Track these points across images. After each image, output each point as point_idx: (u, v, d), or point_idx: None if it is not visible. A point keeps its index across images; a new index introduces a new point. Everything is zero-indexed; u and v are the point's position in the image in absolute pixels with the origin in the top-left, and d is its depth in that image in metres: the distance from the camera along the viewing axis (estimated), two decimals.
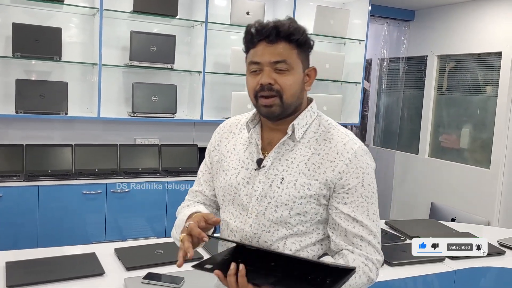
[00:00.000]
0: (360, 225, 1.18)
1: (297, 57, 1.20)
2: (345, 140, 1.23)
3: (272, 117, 1.23)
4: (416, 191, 4.96)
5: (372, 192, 1.22)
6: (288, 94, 1.19)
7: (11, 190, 3.17)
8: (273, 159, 1.24)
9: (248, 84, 1.24)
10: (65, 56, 3.51)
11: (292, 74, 1.20)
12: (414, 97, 5.13)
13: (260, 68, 1.19)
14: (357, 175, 1.19)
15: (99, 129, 3.82)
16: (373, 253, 1.19)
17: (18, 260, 1.79)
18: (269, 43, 1.18)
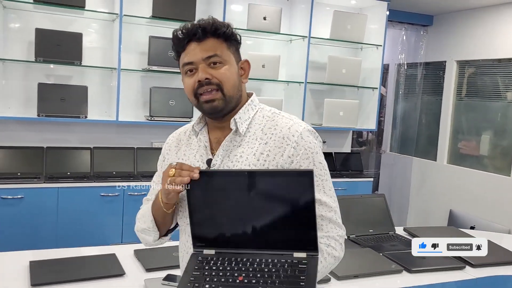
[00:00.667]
0: (319, 204, 1.17)
1: (227, 50, 1.22)
2: (289, 124, 1.22)
3: (216, 112, 1.22)
4: (434, 198, 4.91)
5: (324, 170, 1.22)
6: (228, 86, 1.20)
7: (31, 191, 3.23)
8: (222, 157, 1.23)
9: (186, 86, 1.23)
10: (85, 61, 3.57)
11: (227, 65, 1.21)
12: (432, 103, 5.08)
13: (195, 67, 1.20)
14: (307, 156, 1.19)
15: (117, 133, 3.87)
16: (334, 230, 1.20)
17: (41, 259, 1.82)
18: (197, 41, 1.19)
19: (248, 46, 4.19)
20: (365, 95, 4.58)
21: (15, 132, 3.56)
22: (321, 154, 1.23)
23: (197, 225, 1.16)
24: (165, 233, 1.34)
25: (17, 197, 3.18)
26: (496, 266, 2.14)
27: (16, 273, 1.71)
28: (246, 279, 1.05)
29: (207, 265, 1.10)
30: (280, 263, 1.07)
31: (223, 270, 1.08)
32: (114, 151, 3.73)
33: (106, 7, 3.65)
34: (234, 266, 1.09)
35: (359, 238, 2.43)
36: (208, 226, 1.16)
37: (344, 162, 4.57)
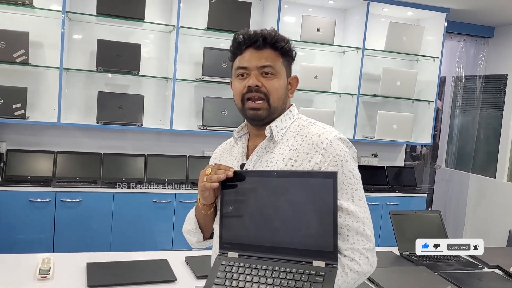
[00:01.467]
0: (346, 213, 1.15)
1: (281, 63, 1.26)
2: (320, 131, 1.24)
3: (258, 120, 1.27)
4: (492, 217, 4.67)
5: (354, 179, 1.20)
6: (275, 97, 1.25)
7: (89, 195, 3.36)
8: (255, 163, 1.28)
9: (235, 88, 1.28)
10: (143, 71, 3.70)
11: (278, 78, 1.25)
12: (492, 118, 4.86)
13: (247, 73, 1.24)
14: (335, 163, 1.18)
15: (170, 141, 3.97)
16: (361, 242, 1.15)
17: (97, 261, 1.89)
18: (256, 49, 1.24)
19: (301, 58, 4.19)
20: (420, 108, 4.45)
21: (75, 139, 3.73)
22: (353, 163, 1.22)
23: (226, 227, 1.20)
24: (210, 235, 1.40)
25: (75, 200, 3.32)
26: None
27: (74, 274, 1.78)
28: None
29: (229, 272, 1.13)
30: (298, 274, 1.08)
31: (243, 280, 1.10)
32: (167, 158, 3.83)
33: (163, 19, 3.78)
34: (254, 275, 1.11)
35: (413, 255, 2.35)
36: (235, 228, 1.20)
37: (396, 177, 4.45)
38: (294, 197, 1.13)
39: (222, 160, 1.41)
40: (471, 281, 2.02)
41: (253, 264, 1.13)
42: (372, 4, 4.01)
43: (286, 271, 1.09)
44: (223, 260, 1.17)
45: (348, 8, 4.26)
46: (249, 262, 1.14)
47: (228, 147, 1.44)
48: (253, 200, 1.17)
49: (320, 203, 1.10)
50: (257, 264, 1.13)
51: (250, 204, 1.18)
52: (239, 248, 1.18)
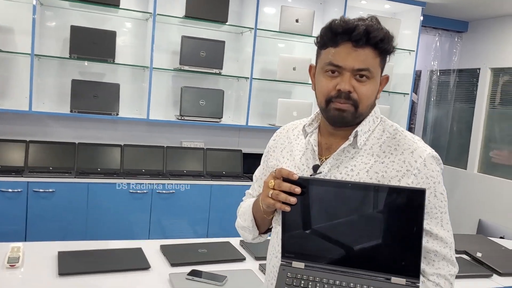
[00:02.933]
0: (434, 238, 1.10)
1: (379, 65, 1.11)
2: (412, 147, 1.12)
3: (340, 123, 1.14)
4: (463, 206, 4.79)
5: (444, 201, 1.13)
6: (365, 105, 1.11)
7: (63, 186, 3.30)
8: (331, 166, 1.15)
9: (321, 86, 1.13)
10: (118, 59, 3.64)
11: (372, 83, 1.10)
12: (465, 111, 4.97)
13: (339, 72, 1.09)
14: (429, 186, 1.09)
15: (147, 131, 3.93)
16: (446, 268, 1.11)
17: (70, 250, 1.86)
18: (355, 47, 1.07)
19: (280, 49, 4.20)
20: (396, 101, 4.51)
21: (48, 128, 3.66)
22: (442, 183, 1.14)
23: (289, 234, 1.10)
24: (266, 230, 1.31)
25: (48, 190, 3.26)
26: None
27: (45, 263, 1.75)
28: None
29: (297, 286, 1.04)
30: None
31: None
32: (144, 149, 3.79)
33: (140, 6, 3.72)
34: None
35: None
36: (301, 237, 1.10)
37: None
38: (373, 211, 1.04)
39: (284, 152, 1.27)
40: None
41: (324, 278, 1.04)
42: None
43: (363, 287, 1.01)
44: (288, 271, 1.07)
45: (327, 0, 4.27)
46: (318, 275, 1.05)
47: (291, 137, 1.29)
48: (322, 209, 1.07)
49: (404, 220, 1.01)
50: (328, 278, 1.04)
51: (318, 213, 1.08)
52: (304, 258, 1.09)
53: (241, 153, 4.06)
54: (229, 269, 1.84)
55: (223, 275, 1.73)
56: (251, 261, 2.00)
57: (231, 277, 1.72)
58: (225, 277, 1.70)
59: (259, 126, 4.10)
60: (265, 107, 4.19)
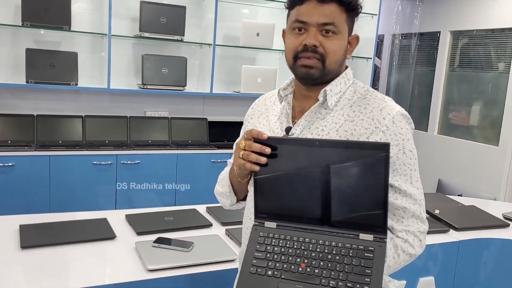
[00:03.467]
0: (403, 195, 1.12)
1: (345, 21, 1.12)
2: (382, 105, 1.14)
3: (309, 80, 1.15)
4: (424, 167, 4.95)
5: (414, 158, 1.15)
6: (332, 60, 1.12)
7: (23, 159, 3.22)
8: (303, 127, 1.17)
9: (289, 43, 1.15)
10: (75, 26, 3.50)
11: (338, 38, 1.12)
12: (426, 74, 5.07)
13: (305, 28, 1.11)
14: (397, 142, 1.11)
15: (109, 101, 3.84)
16: (416, 225, 1.13)
17: (32, 223, 1.83)
18: (320, 2, 1.09)
19: (243, 14, 4.13)
20: (359, 65, 4.55)
21: (4, 100, 3.52)
22: (412, 141, 1.15)
23: (261, 195, 1.12)
24: (244, 197, 1.32)
25: (7, 165, 3.17)
26: (479, 229, 2.19)
27: (6, 237, 1.72)
28: (308, 267, 1.01)
29: (269, 245, 1.07)
30: (344, 249, 1.02)
31: (286, 253, 1.04)
32: (107, 119, 3.71)
33: None
34: (296, 248, 1.05)
35: None
36: (272, 197, 1.11)
37: None
38: (340, 168, 1.04)
39: (261, 118, 1.30)
40: None
41: (295, 236, 1.06)
42: None
43: (332, 245, 1.03)
44: (260, 231, 1.09)
45: None
46: (289, 234, 1.07)
47: (268, 103, 1.31)
48: (292, 168, 1.08)
49: (370, 175, 1.02)
50: (299, 237, 1.06)
51: (289, 173, 1.08)
52: (277, 218, 1.10)
53: (206, 121, 4.04)
54: (195, 235, 1.86)
55: (190, 241, 1.74)
56: (218, 227, 2.02)
57: (198, 242, 1.74)
58: (191, 243, 1.72)
59: (224, 94, 4.08)
60: (230, 74, 4.16)
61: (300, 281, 1.01)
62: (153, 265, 1.54)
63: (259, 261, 1.05)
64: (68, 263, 1.58)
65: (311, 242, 1.05)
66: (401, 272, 1.94)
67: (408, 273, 1.99)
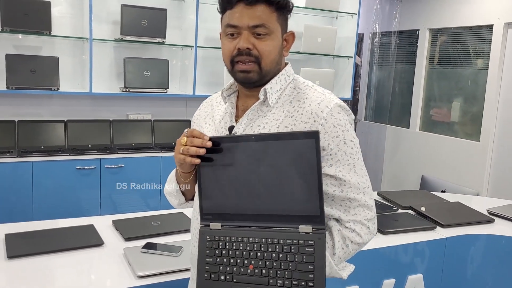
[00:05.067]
0: (348, 185, 1.14)
1: (276, 20, 1.14)
2: (319, 98, 1.15)
3: (249, 83, 1.18)
4: (407, 164, 5.03)
5: (356, 148, 1.16)
6: (267, 60, 1.14)
7: (4, 166, 3.17)
8: (245, 126, 1.19)
9: (224, 48, 1.17)
10: (55, 31, 3.46)
11: (271, 39, 1.13)
12: (406, 72, 5.14)
13: (238, 32, 1.13)
14: (337, 134, 1.13)
15: (91, 105, 3.81)
16: (362, 213, 1.15)
17: (17, 232, 1.81)
18: (248, 5, 1.11)
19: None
20: (340, 64, 4.59)
21: None
22: (352, 130, 1.17)
23: (205, 196, 1.13)
24: (192, 197, 1.33)
25: None
26: (465, 226, 2.23)
27: None
28: (256, 268, 1.03)
29: (217, 248, 1.08)
30: (286, 245, 1.03)
31: (233, 256, 1.06)
32: (89, 124, 3.68)
33: None
34: (243, 250, 1.06)
35: None
36: (215, 197, 1.12)
37: None
38: (275, 161, 1.06)
39: (207, 119, 1.31)
40: (388, 222, 2.18)
41: (239, 236, 1.07)
42: None
43: (274, 242, 1.04)
44: (207, 234, 1.10)
45: None
46: (234, 234, 1.08)
47: (214, 104, 1.33)
48: (232, 166, 1.09)
49: (303, 165, 1.03)
50: (243, 237, 1.07)
51: (229, 171, 1.10)
52: (221, 218, 1.11)
53: (189, 123, 4.02)
54: (184, 239, 1.86)
55: (179, 245, 1.74)
56: None
57: (187, 247, 1.74)
58: (181, 248, 1.72)
59: (207, 95, 4.02)
60: (212, 76, 4.16)
61: (251, 284, 1.04)
62: (142, 271, 1.54)
63: (211, 266, 1.08)
64: (56, 272, 1.57)
65: (255, 241, 1.06)
66: (389, 270, 1.98)
67: (396, 272, 2.03)
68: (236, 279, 1.05)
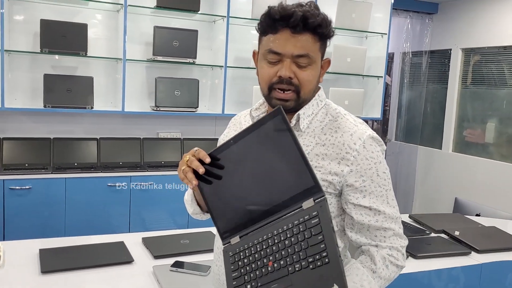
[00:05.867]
0: (383, 216, 1.14)
1: (319, 50, 1.13)
2: (352, 130, 1.15)
3: (284, 111, 1.18)
4: (439, 186, 4.91)
5: (387, 179, 1.16)
6: (306, 90, 1.14)
7: (39, 182, 3.26)
8: None
9: (263, 73, 1.15)
10: (91, 52, 3.58)
11: (312, 68, 1.13)
12: (438, 91, 5.07)
13: (280, 59, 1.11)
14: (370, 166, 1.13)
15: (123, 123, 3.89)
16: (397, 241, 1.17)
17: (51, 247, 1.85)
18: (294, 33, 1.09)
19: (253, 36, 4.18)
20: (370, 84, 4.56)
21: (22, 124, 3.59)
22: (384, 162, 1.17)
23: (217, 216, 1.14)
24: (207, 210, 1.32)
25: (25, 187, 3.21)
26: (501, 251, 2.15)
27: (26, 261, 1.74)
28: (275, 263, 1.01)
29: (239, 260, 1.07)
30: (295, 227, 1.01)
31: (253, 260, 1.05)
32: (121, 141, 3.75)
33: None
34: (260, 250, 1.04)
35: None
36: (225, 213, 1.13)
37: None
38: (258, 153, 1.07)
39: None
40: (420, 246, 2.12)
41: (255, 239, 1.06)
42: None
43: (284, 229, 1.02)
44: (230, 251, 1.10)
45: None
46: (250, 239, 1.07)
47: (242, 122, 1.32)
48: (227, 176, 1.11)
49: (281, 144, 1.03)
50: (257, 238, 1.06)
51: (226, 183, 1.11)
52: (237, 229, 1.11)
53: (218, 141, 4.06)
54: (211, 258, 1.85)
55: (207, 265, 1.74)
56: None
57: None
58: (209, 267, 1.72)
59: (236, 114, 4.10)
60: (241, 95, 4.19)
61: (274, 280, 1.00)
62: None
63: (237, 280, 1.06)
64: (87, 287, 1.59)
65: (268, 237, 1.04)
66: None
67: None
68: (260, 282, 1.02)
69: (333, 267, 0.94)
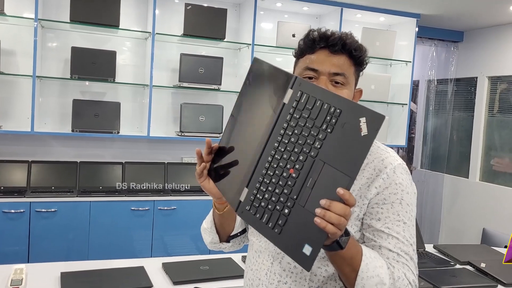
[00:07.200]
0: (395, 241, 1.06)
1: (353, 73, 1.15)
2: (383, 156, 1.13)
3: None
4: (466, 216, 4.78)
5: (410, 214, 1.09)
6: None
7: (65, 205, 3.32)
8: None
9: None
10: (119, 78, 3.68)
11: (347, 89, 1.14)
12: (464, 119, 4.99)
13: (316, 76, 1.13)
14: (396, 191, 1.08)
15: (148, 148, 3.96)
16: (410, 273, 1.05)
17: (72, 270, 1.87)
18: (332, 52, 1.12)
19: (277, 63, 4.24)
20: (394, 111, 4.53)
21: (50, 147, 3.69)
22: (413, 198, 1.12)
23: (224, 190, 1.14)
24: (227, 239, 1.32)
25: (50, 210, 3.28)
26: None
27: (47, 284, 1.76)
28: (296, 163, 0.92)
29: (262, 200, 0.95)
30: (293, 121, 0.95)
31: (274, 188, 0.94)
32: (145, 166, 3.81)
33: (139, 26, 3.78)
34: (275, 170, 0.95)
35: None
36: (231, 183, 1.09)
37: None
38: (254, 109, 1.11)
39: None
40: (445, 278, 2.06)
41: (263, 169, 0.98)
42: (345, 10, 4.08)
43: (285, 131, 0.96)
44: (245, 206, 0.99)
45: (323, 14, 4.33)
46: (258, 176, 0.99)
47: None
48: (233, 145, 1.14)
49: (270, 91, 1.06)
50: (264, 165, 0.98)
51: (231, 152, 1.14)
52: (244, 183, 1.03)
53: None
54: (231, 286, 1.85)
55: None
56: None
57: None
58: None
59: None
60: None
61: (307, 177, 0.90)
62: None
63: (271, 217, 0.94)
64: None
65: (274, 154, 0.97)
66: None
67: None
68: (295, 194, 0.91)
69: (348, 110, 0.90)
